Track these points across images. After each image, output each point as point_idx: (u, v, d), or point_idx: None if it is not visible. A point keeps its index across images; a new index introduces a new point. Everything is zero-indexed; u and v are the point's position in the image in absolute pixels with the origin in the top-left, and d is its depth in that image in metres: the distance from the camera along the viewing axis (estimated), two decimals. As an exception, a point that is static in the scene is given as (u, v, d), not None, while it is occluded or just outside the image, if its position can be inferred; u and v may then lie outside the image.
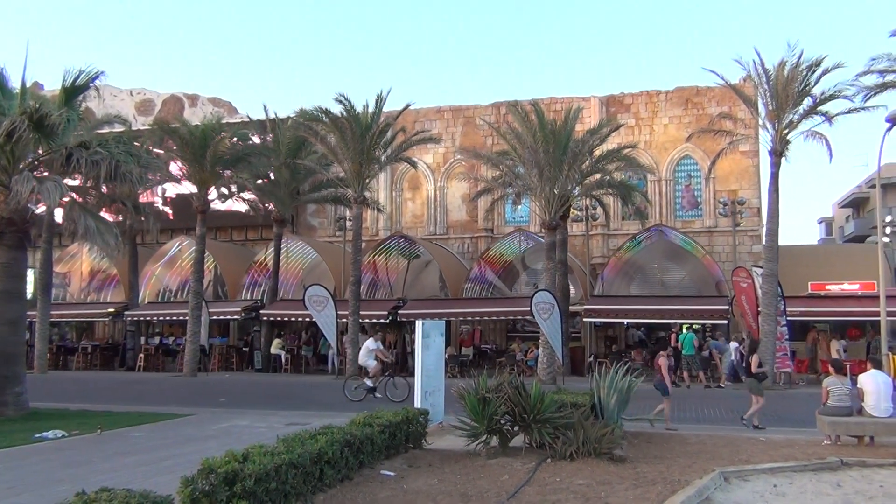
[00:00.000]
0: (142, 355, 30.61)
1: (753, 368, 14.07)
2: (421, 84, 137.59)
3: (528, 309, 23.70)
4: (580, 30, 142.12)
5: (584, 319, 27.66)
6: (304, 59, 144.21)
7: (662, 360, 13.86)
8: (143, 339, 32.51)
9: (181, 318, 29.50)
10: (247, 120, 33.88)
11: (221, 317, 31.29)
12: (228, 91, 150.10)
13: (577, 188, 26.24)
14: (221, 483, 5.98)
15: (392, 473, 8.49)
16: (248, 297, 32.93)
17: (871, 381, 11.50)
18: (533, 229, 31.80)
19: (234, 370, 30.38)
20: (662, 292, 30.70)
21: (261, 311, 29.93)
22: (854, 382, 12.01)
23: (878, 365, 12.60)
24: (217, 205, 30.99)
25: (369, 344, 19.46)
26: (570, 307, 27.68)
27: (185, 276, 33.27)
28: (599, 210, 30.21)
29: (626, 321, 29.64)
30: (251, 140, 31.30)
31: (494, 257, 32.61)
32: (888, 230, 30.72)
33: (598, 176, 26.55)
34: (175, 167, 29.85)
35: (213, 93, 64.21)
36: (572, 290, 29.64)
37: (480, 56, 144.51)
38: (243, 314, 30.61)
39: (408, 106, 27.77)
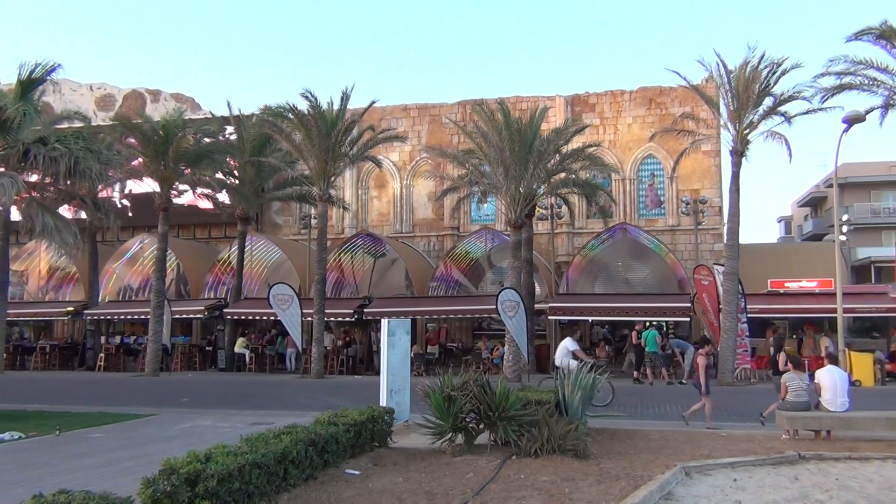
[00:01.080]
0: (102, 355, 30.03)
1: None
2: (387, 82, 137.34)
3: (494, 307, 23.77)
4: (546, 29, 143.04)
5: (549, 317, 27.82)
6: (270, 56, 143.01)
7: (700, 359, 13.59)
8: (103, 339, 31.93)
9: (143, 316, 29.05)
10: (210, 116, 33.44)
11: (184, 315, 30.87)
12: (191, 86, 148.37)
13: (543, 187, 26.40)
14: (183, 484, 5.90)
15: (357, 472, 8.46)
16: (212, 296, 32.57)
17: (828, 377, 11.78)
18: (499, 227, 31.92)
19: (197, 370, 30.01)
20: (626, 290, 31.03)
21: (224, 310, 29.60)
22: (812, 378, 12.28)
23: (834, 361, 12.90)
24: (180, 202, 30.57)
25: (567, 344, 17.47)
26: (536, 305, 27.83)
27: (147, 275, 32.78)
28: (564, 208, 30.44)
29: (590, 319, 29.88)
30: (215, 137, 30.90)
31: (460, 255, 32.67)
32: (845, 229, 31.50)
33: (563, 175, 26.76)
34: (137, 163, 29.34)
35: (175, 88, 63.38)
36: (538, 288, 29.82)
37: (447, 54, 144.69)
38: (207, 313, 30.25)
39: (373, 103, 27.67)
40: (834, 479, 8.52)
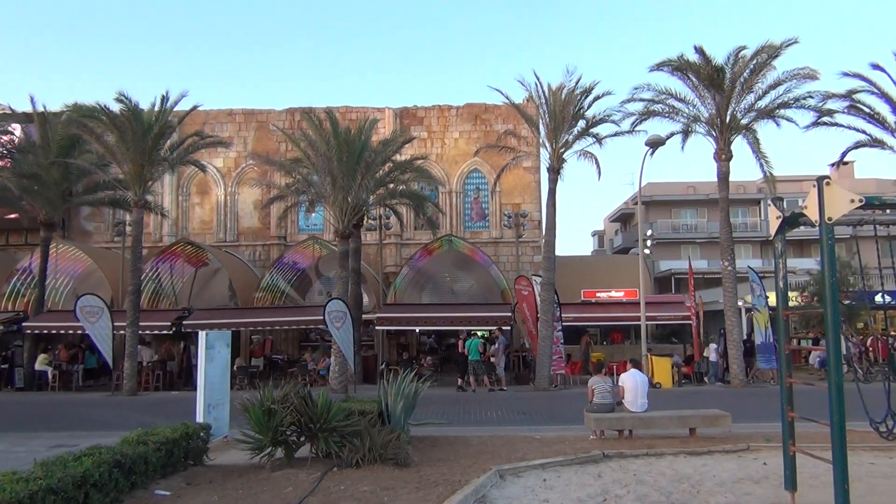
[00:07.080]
0: None
1: None
2: (213, 86, 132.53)
3: (321, 318, 23.50)
4: (377, 42, 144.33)
5: (377, 327, 27.96)
6: (83, 55, 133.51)
7: None
8: None
9: (-76, 332, 25.96)
10: (9, 112, 30.58)
11: (-26, 330, 27.89)
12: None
13: (371, 197, 26.52)
14: (-38, 517, 5.36)
15: (168, 493, 8.05)
16: (10, 308, 29.68)
17: (630, 380, 12.71)
18: (327, 237, 31.69)
19: (-11, 390, 27.18)
20: (452, 300, 31.84)
21: (24, 324, 27.05)
22: (616, 381, 13.20)
23: (636, 365, 13.95)
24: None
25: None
26: (364, 315, 27.86)
27: (-70, 285, 29.34)
28: (393, 219, 30.74)
29: (417, 328, 30.35)
30: (13, 134, 28.26)
31: (287, 265, 32.05)
32: (649, 243, 34.23)
33: (391, 186, 27.02)
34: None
35: (-31, 79, 57.27)
36: (365, 299, 29.87)
37: (277, 61, 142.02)
38: (2, 327, 27.49)
39: (196, 107, 26.50)
40: (632, 475, 9.21)
